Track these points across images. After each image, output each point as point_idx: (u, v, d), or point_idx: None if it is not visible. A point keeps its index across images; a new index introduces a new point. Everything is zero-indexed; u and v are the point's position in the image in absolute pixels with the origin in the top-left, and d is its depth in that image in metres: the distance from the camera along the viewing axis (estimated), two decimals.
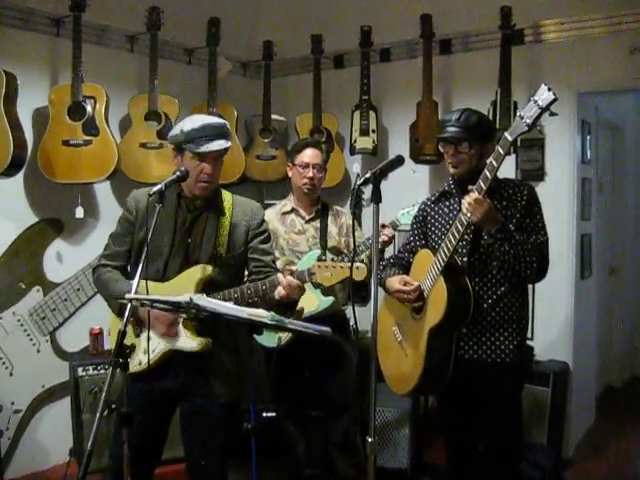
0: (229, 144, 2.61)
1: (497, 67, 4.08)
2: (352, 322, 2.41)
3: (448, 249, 2.66)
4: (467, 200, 2.57)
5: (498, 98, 4.05)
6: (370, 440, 2.13)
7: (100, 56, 4.19)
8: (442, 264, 2.69)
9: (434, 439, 4.05)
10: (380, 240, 3.25)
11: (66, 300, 4.13)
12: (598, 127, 4.70)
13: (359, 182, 2.27)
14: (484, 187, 2.54)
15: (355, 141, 4.66)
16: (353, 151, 4.69)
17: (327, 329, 2.12)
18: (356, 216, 4.21)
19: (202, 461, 2.62)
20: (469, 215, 2.56)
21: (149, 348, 2.52)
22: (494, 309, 2.78)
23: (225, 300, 2.52)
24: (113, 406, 2.17)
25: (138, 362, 2.58)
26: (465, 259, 2.78)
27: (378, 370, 2.27)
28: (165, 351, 2.58)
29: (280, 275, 2.53)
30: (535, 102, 2.36)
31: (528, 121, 2.38)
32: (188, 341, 2.56)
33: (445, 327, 2.71)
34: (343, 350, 3.49)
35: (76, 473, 2.05)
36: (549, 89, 2.33)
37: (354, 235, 2.48)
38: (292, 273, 2.53)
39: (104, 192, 4.26)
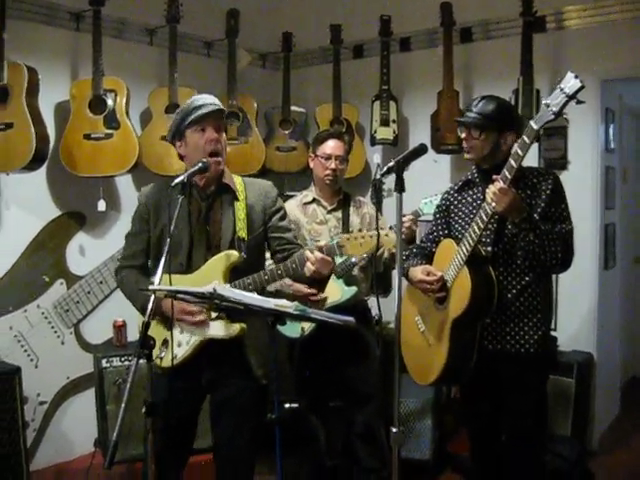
0: (222, 107, 2.60)
1: (518, 55, 4.02)
2: (374, 312, 2.40)
3: (472, 239, 2.64)
4: (492, 190, 2.54)
5: (520, 86, 4.01)
6: (395, 430, 2.13)
7: (120, 50, 4.21)
8: (466, 254, 2.66)
9: (457, 430, 4.04)
10: (402, 230, 3.22)
11: (89, 293, 4.16)
12: (622, 115, 4.64)
13: (382, 172, 2.25)
14: (509, 176, 2.51)
15: (375, 131, 4.64)
16: (373, 141, 4.67)
17: (351, 319, 2.11)
18: (377, 207, 4.18)
19: (230, 449, 2.63)
20: (494, 205, 2.54)
21: (172, 342, 2.52)
22: (518, 299, 2.75)
23: (256, 283, 2.52)
24: (150, 402, 2.19)
25: (174, 355, 2.57)
26: (489, 248, 2.75)
27: (401, 360, 2.26)
28: (199, 342, 2.57)
29: (308, 252, 2.50)
30: (561, 90, 2.32)
31: (554, 109, 2.35)
32: (223, 329, 2.54)
33: (469, 317, 2.69)
34: (366, 340, 3.49)
35: (101, 464, 2.07)
36: (576, 76, 2.30)
37: (377, 224, 2.45)
38: (321, 249, 2.49)
39: (126, 185, 4.28)
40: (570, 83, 2.31)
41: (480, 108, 2.73)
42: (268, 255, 2.85)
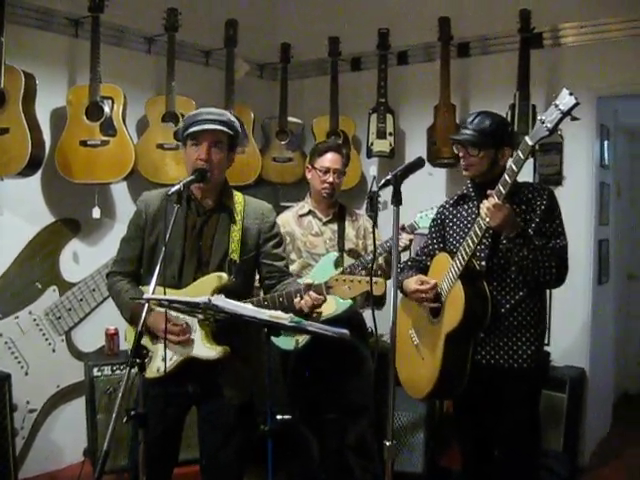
0: (225, 129, 2.54)
1: (515, 70, 4.05)
2: (370, 325, 2.40)
3: (466, 253, 2.64)
4: (486, 205, 2.54)
5: (517, 101, 4.03)
6: (388, 444, 2.12)
7: (118, 57, 4.20)
8: (460, 268, 2.67)
9: (449, 444, 4.03)
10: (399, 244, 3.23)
11: (82, 300, 4.14)
12: (617, 132, 4.66)
13: (380, 184, 2.25)
14: (504, 192, 2.51)
15: (372, 144, 4.65)
16: (370, 154, 4.67)
17: (346, 331, 2.11)
18: (372, 219, 4.19)
19: (216, 463, 2.61)
20: (488, 220, 2.54)
21: (166, 355, 2.50)
22: (512, 314, 2.75)
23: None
24: (133, 413, 2.17)
25: (156, 369, 2.56)
26: (484, 263, 2.75)
27: (395, 374, 2.25)
28: (182, 360, 2.55)
29: (299, 299, 2.51)
30: (556, 106, 2.32)
31: (549, 125, 2.35)
32: (205, 350, 2.52)
33: (462, 332, 2.69)
34: (360, 353, 3.48)
35: (90, 473, 2.05)
36: (571, 93, 2.30)
37: (374, 239, 2.45)
38: (309, 287, 2.49)
39: (121, 193, 4.26)
40: (565, 100, 2.31)
41: (476, 125, 2.73)
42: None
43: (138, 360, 2.16)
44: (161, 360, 2.53)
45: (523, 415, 2.81)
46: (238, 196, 2.72)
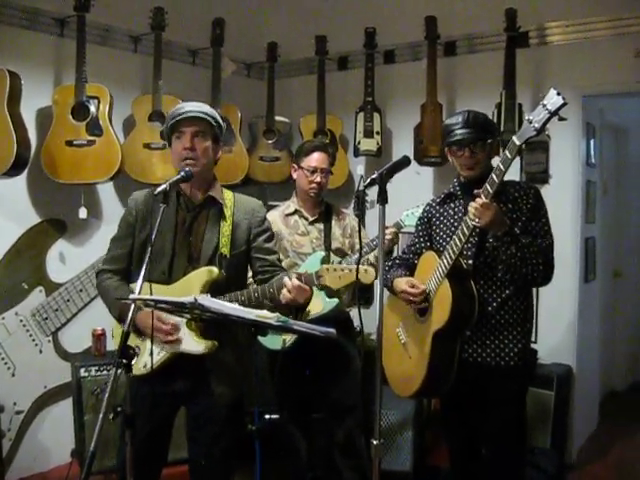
0: (206, 117, 2.57)
1: (502, 69, 4.06)
2: (357, 324, 2.40)
3: (454, 252, 2.65)
4: (474, 205, 2.55)
5: (503, 100, 4.04)
6: (375, 443, 2.12)
7: (104, 56, 4.18)
8: (447, 267, 2.68)
9: (438, 442, 4.04)
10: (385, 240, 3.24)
11: (69, 301, 4.12)
12: (603, 130, 4.69)
13: (365, 183, 2.25)
14: (491, 191, 2.53)
15: (359, 143, 4.65)
16: (357, 153, 4.68)
17: (332, 330, 2.11)
18: (359, 218, 4.19)
19: (205, 462, 2.60)
20: (476, 220, 2.55)
21: (153, 351, 2.50)
22: (499, 312, 2.77)
23: (232, 302, 2.50)
24: (119, 409, 2.16)
25: (143, 365, 2.56)
26: (470, 262, 2.76)
27: (382, 372, 2.25)
28: (169, 355, 2.56)
29: (286, 278, 2.50)
30: (544, 106, 2.34)
31: (537, 125, 2.37)
32: (193, 344, 2.53)
33: (450, 330, 2.70)
34: (347, 352, 3.48)
35: (78, 474, 2.03)
36: (558, 93, 2.31)
37: (360, 237, 2.46)
38: (299, 277, 2.49)
39: (107, 193, 4.25)
40: (553, 100, 2.33)
41: (473, 122, 2.74)
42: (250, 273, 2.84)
43: (125, 361, 2.15)
44: (148, 355, 2.53)
45: (510, 413, 2.82)
46: (227, 193, 2.73)
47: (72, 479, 3.34)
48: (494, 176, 2.52)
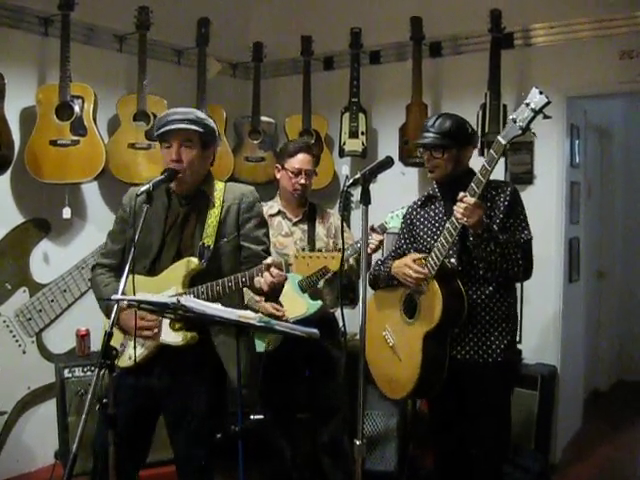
0: (192, 127, 2.54)
1: (487, 70, 4.08)
2: (341, 324, 2.40)
3: (441, 253, 2.68)
4: (462, 205, 2.57)
5: (488, 101, 4.06)
6: (358, 443, 2.12)
7: (88, 56, 4.16)
8: (435, 268, 2.69)
9: (421, 443, 4.04)
10: (369, 246, 3.24)
11: (52, 301, 4.09)
12: (587, 131, 4.71)
13: (348, 183, 2.27)
14: (478, 191, 2.56)
15: (344, 143, 4.65)
16: (342, 153, 4.68)
17: (315, 331, 2.11)
18: (345, 218, 4.20)
19: (187, 462, 2.60)
20: (464, 219, 2.57)
21: (135, 347, 2.49)
22: (484, 309, 2.79)
23: (209, 293, 2.49)
24: (104, 400, 2.14)
25: (129, 357, 2.56)
26: (453, 260, 2.79)
27: (367, 373, 2.26)
28: (152, 348, 2.55)
29: (260, 276, 2.46)
30: (527, 105, 2.37)
31: (521, 124, 2.40)
32: (172, 334, 2.52)
33: (440, 331, 2.73)
34: (332, 353, 3.48)
35: (61, 476, 2.02)
36: (541, 92, 2.35)
37: (343, 236, 2.46)
38: (269, 266, 2.43)
39: (92, 193, 4.23)
40: (536, 99, 2.36)
41: (437, 127, 2.79)
42: None
43: (108, 361, 2.14)
44: (132, 348, 2.53)
45: (495, 410, 2.84)
46: (219, 184, 2.72)
47: None
48: (480, 176, 2.55)
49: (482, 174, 2.54)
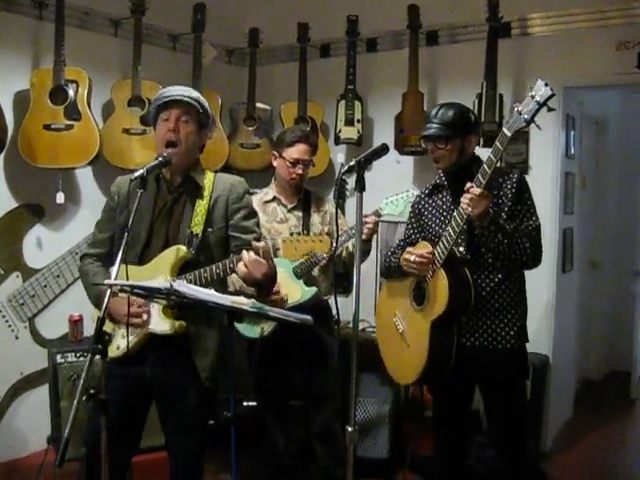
0: (192, 102, 2.57)
1: (483, 59, 4.07)
2: (342, 313, 2.40)
3: (448, 242, 2.70)
4: (468, 196, 2.58)
5: (484, 90, 4.05)
6: (350, 430, 2.13)
7: (83, 40, 4.13)
8: (442, 257, 2.72)
9: (414, 430, 4.05)
10: (364, 232, 3.23)
11: (46, 286, 4.09)
12: (582, 122, 4.71)
13: (343, 170, 2.26)
14: (484, 181, 2.57)
15: (340, 131, 4.64)
16: (338, 141, 4.67)
17: (308, 317, 2.11)
18: (340, 206, 4.20)
19: (179, 449, 2.61)
20: (470, 209, 2.58)
21: (128, 335, 2.48)
22: (492, 297, 2.81)
23: (196, 280, 2.48)
24: (92, 391, 2.14)
25: (117, 347, 2.56)
26: (462, 249, 2.81)
27: (361, 360, 2.26)
28: (142, 336, 2.54)
29: (244, 252, 2.43)
30: (532, 97, 2.39)
31: (526, 116, 2.41)
32: (160, 323, 2.51)
33: (447, 319, 2.75)
34: (325, 340, 3.49)
35: (54, 461, 2.02)
36: (546, 84, 2.36)
37: (337, 223, 2.46)
38: (256, 250, 2.41)
39: (86, 178, 4.21)
40: (541, 91, 2.37)
41: (440, 118, 2.80)
42: None
43: (100, 347, 2.14)
44: (121, 338, 2.53)
45: (510, 395, 2.87)
46: (209, 174, 2.71)
47: (48, 466, 3.32)
48: (486, 166, 2.56)
49: (488, 165, 2.56)
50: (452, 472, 3.08)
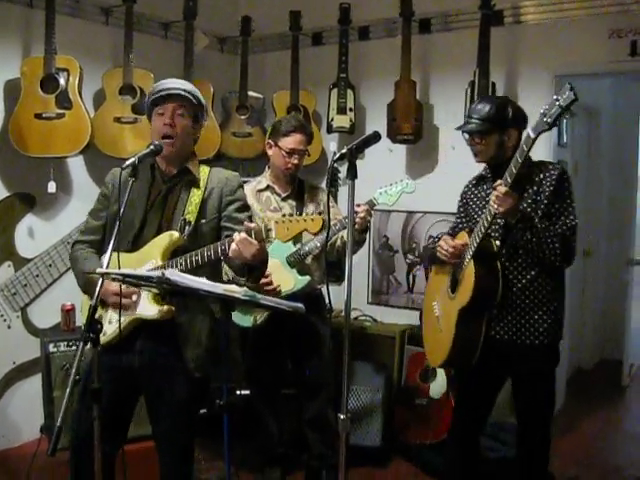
0: (189, 96, 2.59)
1: (476, 47, 4.05)
2: (336, 302, 2.40)
3: (478, 235, 2.74)
4: (495, 193, 2.62)
5: (476, 79, 4.04)
6: (342, 417, 2.13)
7: (74, 28, 4.10)
8: (473, 248, 2.75)
9: (407, 419, 4.07)
10: (356, 219, 3.22)
11: (38, 276, 4.07)
12: (575, 111, 4.70)
13: (335, 158, 2.26)
14: (510, 181, 2.60)
15: (332, 119, 4.63)
16: (330, 129, 4.66)
17: (300, 305, 2.11)
18: (333, 194, 4.19)
19: (168, 439, 2.60)
20: (495, 207, 2.62)
21: (121, 318, 2.46)
22: (524, 292, 2.83)
23: (187, 263, 2.46)
24: (77, 377, 2.12)
25: (103, 332, 2.51)
26: (498, 242, 2.83)
27: (353, 348, 2.26)
28: (130, 320, 2.52)
29: (236, 233, 2.41)
30: (557, 101, 2.40)
31: (549, 120, 2.43)
32: (148, 308, 2.50)
33: (473, 308, 2.79)
34: (319, 329, 3.49)
35: (47, 449, 2.02)
36: (571, 88, 2.37)
37: (329, 212, 2.45)
38: (248, 230, 2.38)
39: (77, 167, 4.19)
40: (565, 95, 2.39)
41: (478, 112, 2.83)
42: None
43: (92, 335, 2.13)
44: (108, 324, 2.52)
45: (537, 388, 2.89)
46: (204, 168, 2.72)
47: (41, 455, 3.32)
48: (512, 167, 2.59)
49: (514, 165, 2.58)
50: (465, 458, 3.12)
